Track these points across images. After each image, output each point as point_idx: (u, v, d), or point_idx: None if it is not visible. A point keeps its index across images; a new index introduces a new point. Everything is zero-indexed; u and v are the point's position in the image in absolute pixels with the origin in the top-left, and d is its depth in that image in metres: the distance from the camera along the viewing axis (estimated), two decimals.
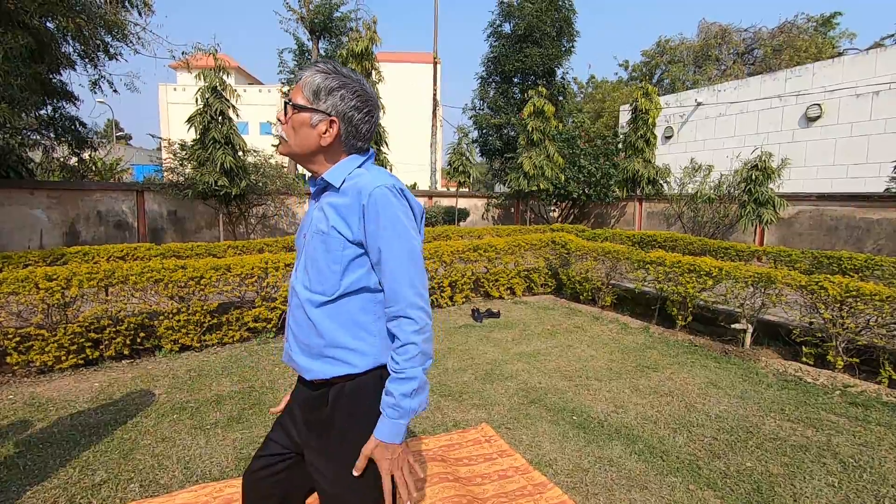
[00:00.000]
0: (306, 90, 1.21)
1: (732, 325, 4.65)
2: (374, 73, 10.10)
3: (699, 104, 14.26)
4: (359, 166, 1.26)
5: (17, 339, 3.66)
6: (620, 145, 13.56)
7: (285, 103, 1.25)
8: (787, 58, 22.01)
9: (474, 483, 2.41)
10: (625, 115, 16.30)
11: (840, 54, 20.29)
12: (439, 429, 3.00)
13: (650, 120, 12.39)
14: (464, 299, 6.31)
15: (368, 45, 9.70)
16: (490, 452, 2.69)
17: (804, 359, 4.09)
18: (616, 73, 39.39)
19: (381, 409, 1.18)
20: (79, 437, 2.83)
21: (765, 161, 8.45)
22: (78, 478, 2.44)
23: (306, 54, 12.84)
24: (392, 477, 1.18)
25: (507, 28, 17.35)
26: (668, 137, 15.21)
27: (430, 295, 5.94)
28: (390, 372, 1.18)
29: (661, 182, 12.31)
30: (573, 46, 17.38)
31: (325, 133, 1.22)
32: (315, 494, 1.32)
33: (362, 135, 1.27)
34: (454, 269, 6.20)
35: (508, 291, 6.75)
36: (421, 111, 30.79)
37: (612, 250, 5.98)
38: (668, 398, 3.46)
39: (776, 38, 24.07)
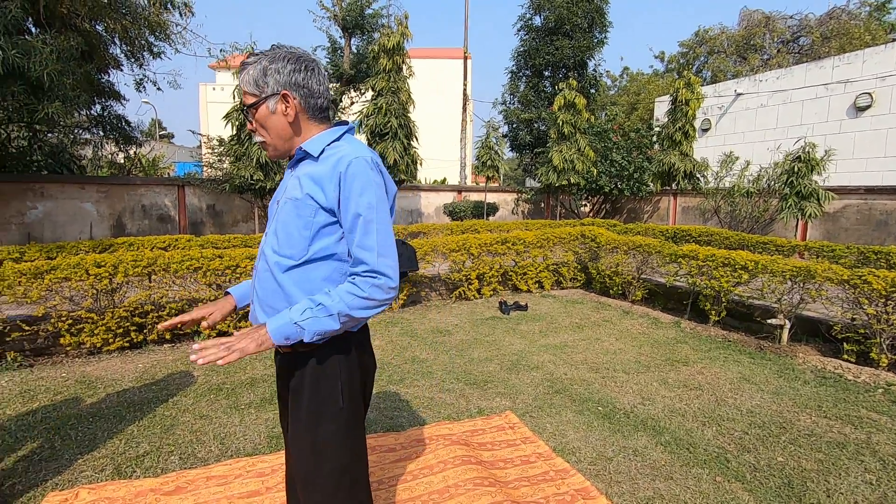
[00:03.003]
0: (249, 87, 1.25)
1: (769, 321, 4.50)
2: (405, 67, 10.18)
3: (739, 95, 13.73)
4: (338, 138, 1.28)
5: (70, 321, 3.91)
6: (655, 138, 13.21)
7: (243, 113, 1.29)
8: (838, 46, 20.90)
9: (497, 467, 2.44)
10: (660, 108, 15.86)
11: (895, 40, 19.13)
12: (463, 415, 3.04)
13: (690, 112, 12.00)
14: (491, 292, 6.32)
15: (400, 40, 9.77)
16: (513, 439, 2.72)
17: (845, 356, 3.93)
18: (651, 66, 38.27)
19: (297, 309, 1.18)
20: (124, 412, 3.01)
21: (808, 152, 8.08)
22: (123, 449, 2.60)
23: (339, 51, 13.03)
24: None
25: (537, 21, 17.11)
26: (706, 130, 14.72)
27: (458, 287, 6.02)
28: (322, 294, 1.19)
29: (699, 176, 11.93)
30: (606, 38, 16.99)
31: (286, 110, 1.25)
32: None
33: (318, 92, 1.28)
34: (482, 262, 6.22)
35: (537, 285, 6.72)
36: (451, 107, 30.81)
37: (643, 244, 5.87)
38: (698, 392, 3.40)
39: (825, 24, 22.89)
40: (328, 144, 1.26)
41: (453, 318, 5.30)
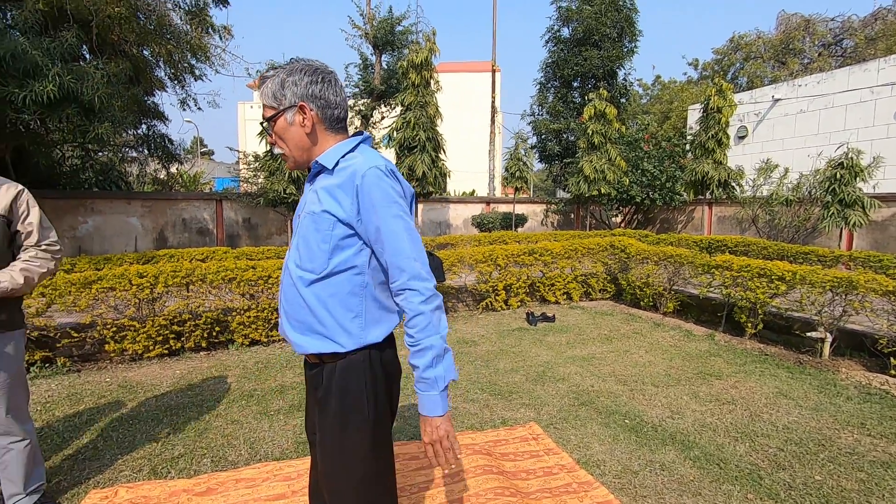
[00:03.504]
0: (268, 101, 1.28)
1: (809, 334, 4.31)
2: (432, 82, 10.36)
3: (776, 100, 13.31)
4: (352, 149, 1.30)
5: (114, 329, 4.13)
6: (688, 146, 12.93)
7: (263, 127, 1.33)
8: (885, 47, 20.00)
9: (519, 478, 2.43)
10: (693, 116, 15.52)
11: None
12: (487, 425, 3.04)
13: (723, 119, 11.71)
14: (519, 303, 6.30)
15: (428, 56, 9.97)
16: (537, 450, 2.70)
17: (892, 371, 3.72)
18: (685, 73, 37.54)
19: (415, 389, 1.23)
20: (161, 416, 3.15)
21: (851, 158, 7.74)
22: (160, 451, 2.72)
23: (370, 68, 13.38)
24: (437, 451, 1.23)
25: (565, 33, 17.13)
26: (742, 137, 14.30)
27: (484, 298, 6.02)
28: (408, 347, 1.22)
29: (734, 185, 11.58)
30: (636, 47, 16.82)
31: (303, 122, 1.27)
32: None
33: (335, 103, 1.30)
34: (509, 273, 6.21)
35: (565, 296, 6.64)
36: (480, 119, 30.96)
37: (675, 254, 5.74)
38: (731, 406, 3.29)
39: (869, 26, 21.98)
40: (342, 156, 1.27)
41: (479, 329, 5.31)
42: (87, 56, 7.61)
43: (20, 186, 2.04)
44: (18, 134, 7.14)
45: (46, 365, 3.97)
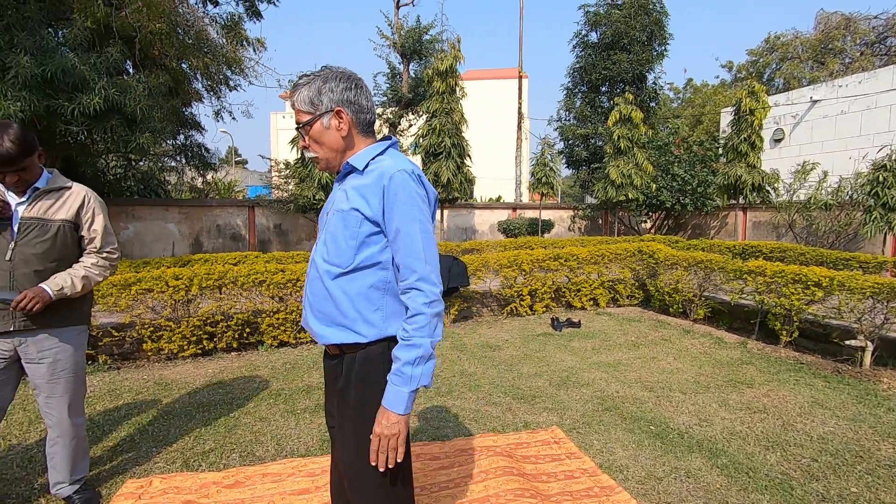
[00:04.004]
0: (304, 106, 1.34)
1: (847, 342, 4.14)
2: (458, 89, 10.45)
3: (815, 102, 12.84)
4: (382, 152, 1.37)
5: (151, 329, 4.32)
6: (721, 150, 12.59)
7: (297, 129, 1.39)
8: None
9: (539, 480, 2.42)
10: (726, 119, 15.12)
11: None
12: (509, 428, 3.04)
13: (756, 121, 11.36)
14: (544, 308, 6.26)
15: (453, 63, 10.07)
16: (558, 453, 2.68)
17: None
18: (717, 76, 36.60)
19: (388, 378, 1.26)
20: (194, 412, 3.27)
21: (895, 160, 7.40)
22: (192, 445, 2.83)
23: (398, 76, 13.60)
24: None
25: (593, 37, 17.00)
26: (778, 140, 13.84)
27: (509, 303, 6.01)
28: (399, 340, 1.26)
29: (769, 189, 11.21)
30: (666, 50, 16.55)
31: (339, 126, 1.34)
32: None
33: (367, 108, 1.38)
34: (534, 278, 6.18)
35: (591, 302, 6.56)
36: (507, 125, 30.96)
37: (705, 259, 5.60)
38: (762, 415, 3.19)
39: None
40: (372, 158, 1.34)
41: (504, 334, 5.30)
42: (131, 70, 8.02)
43: (87, 191, 2.13)
44: (67, 145, 7.56)
45: (89, 362, 4.18)
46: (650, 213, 13.48)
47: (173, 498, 2.27)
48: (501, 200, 21.80)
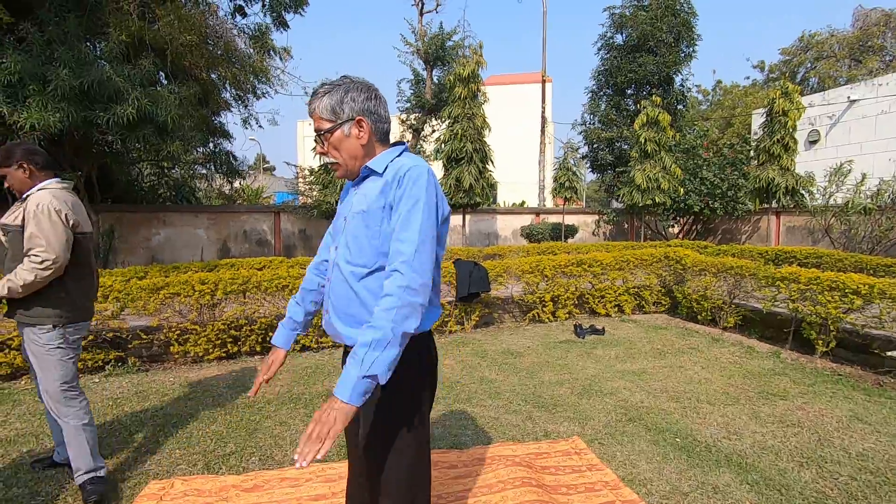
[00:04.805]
0: (325, 114, 1.36)
1: (889, 353, 3.93)
2: (480, 94, 10.44)
3: (853, 101, 12.35)
4: (399, 155, 1.41)
5: (178, 332, 4.42)
6: (752, 153, 12.21)
7: (318, 136, 1.40)
8: None
9: (559, 492, 2.36)
10: (758, 120, 14.69)
11: None
12: (529, 437, 2.98)
13: (789, 122, 10.99)
14: (567, 315, 6.15)
15: (475, 69, 10.08)
16: (579, 465, 2.61)
17: None
18: (748, 77, 35.59)
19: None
20: (217, 415, 3.33)
21: None
22: (214, 447, 2.87)
23: (421, 83, 13.71)
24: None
25: (619, 39, 16.77)
26: (814, 142, 13.36)
27: (531, 309, 5.94)
28: (368, 329, 1.20)
29: (804, 192, 10.80)
30: (694, 52, 16.19)
31: (359, 134, 1.37)
32: None
33: (384, 118, 1.43)
34: (556, 284, 6.09)
35: (616, 309, 6.42)
36: (531, 130, 30.79)
37: (735, 265, 5.42)
38: (797, 429, 3.04)
39: None
40: (391, 161, 1.39)
41: (525, 341, 5.23)
42: (163, 81, 8.30)
43: (36, 199, 2.23)
44: (102, 154, 7.87)
45: (119, 364, 4.30)
46: (678, 218, 13.17)
47: (194, 500, 2.31)
48: (525, 205, 21.64)
